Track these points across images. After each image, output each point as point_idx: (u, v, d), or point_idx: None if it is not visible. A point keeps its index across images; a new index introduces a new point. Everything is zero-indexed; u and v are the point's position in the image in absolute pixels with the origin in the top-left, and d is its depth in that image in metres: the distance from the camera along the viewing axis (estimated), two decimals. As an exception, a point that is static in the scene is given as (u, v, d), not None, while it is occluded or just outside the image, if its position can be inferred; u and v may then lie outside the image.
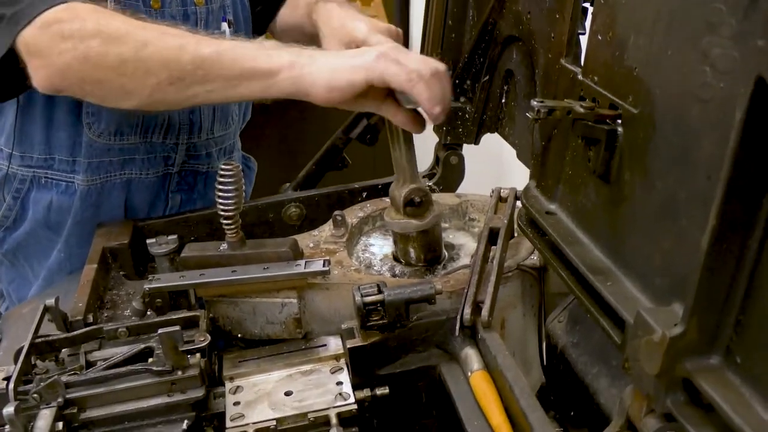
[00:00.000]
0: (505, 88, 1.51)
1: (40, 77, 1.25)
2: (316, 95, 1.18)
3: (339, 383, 1.11)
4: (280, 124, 3.70)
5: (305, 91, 1.19)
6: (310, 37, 1.67)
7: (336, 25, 1.45)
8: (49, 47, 1.22)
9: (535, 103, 0.94)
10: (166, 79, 1.22)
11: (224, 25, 1.63)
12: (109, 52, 1.21)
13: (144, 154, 1.58)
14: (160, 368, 1.03)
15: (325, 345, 1.20)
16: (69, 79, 1.25)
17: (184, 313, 1.15)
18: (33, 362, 1.07)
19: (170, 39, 1.22)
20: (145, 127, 1.55)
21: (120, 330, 1.12)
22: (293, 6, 1.78)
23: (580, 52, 1.09)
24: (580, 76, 1.03)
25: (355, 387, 1.09)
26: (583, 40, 1.07)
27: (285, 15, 1.81)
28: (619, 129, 0.91)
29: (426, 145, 1.73)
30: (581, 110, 0.94)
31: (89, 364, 1.08)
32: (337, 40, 1.42)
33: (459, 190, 1.72)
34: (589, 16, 1.04)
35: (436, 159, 1.75)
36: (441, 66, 1.19)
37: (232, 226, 1.19)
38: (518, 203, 1.26)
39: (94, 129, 1.50)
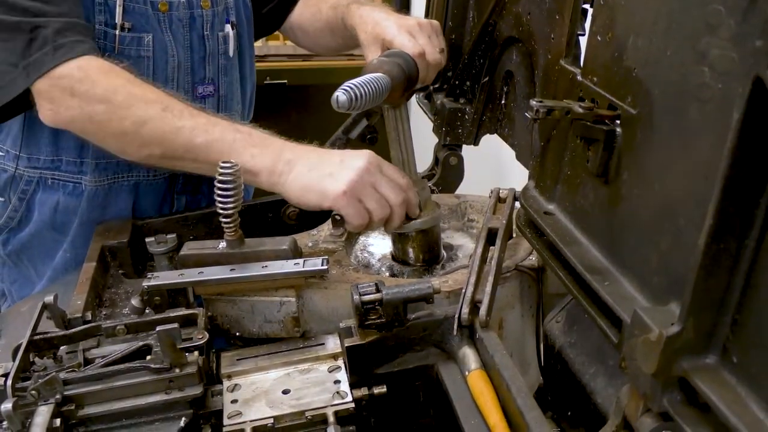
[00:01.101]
0: (505, 89, 1.51)
1: (47, 117, 1.34)
2: (289, 200, 1.30)
3: (337, 382, 1.11)
4: (281, 124, 3.70)
5: (280, 193, 1.30)
6: (341, 39, 1.70)
7: (369, 29, 1.47)
8: (59, 100, 1.31)
9: (534, 102, 0.94)
10: (159, 154, 1.33)
11: (227, 27, 1.64)
12: (112, 121, 1.31)
13: None
14: (158, 366, 1.03)
15: (323, 344, 1.20)
16: (72, 127, 1.37)
17: (183, 311, 1.15)
18: (31, 359, 1.07)
19: (169, 119, 1.30)
20: None
21: (118, 327, 1.12)
22: (314, 8, 1.79)
23: (580, 53, 1.09)
24: (579, 77, 1.03)
25: (353, 385, 1.10)
26: (583, 41, 1.07)
27: (306, 16, 1.83)
28: (618, 129, 0.92)
29: (425, 145, 1.74)
30: (580, 110, 0.94)
31: (87, 362, 1.08)
32: (374, 45, 1.45)
33: (458, 191, 1.72)
34: (589, 18, 1.04)
35: (436, 160, 1.75)
36: (394, 210, 1.27)
37: (231, 225, 1.19)
38: (517, 204, 1.27)
39: None
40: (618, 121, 0.92)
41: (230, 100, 1.70)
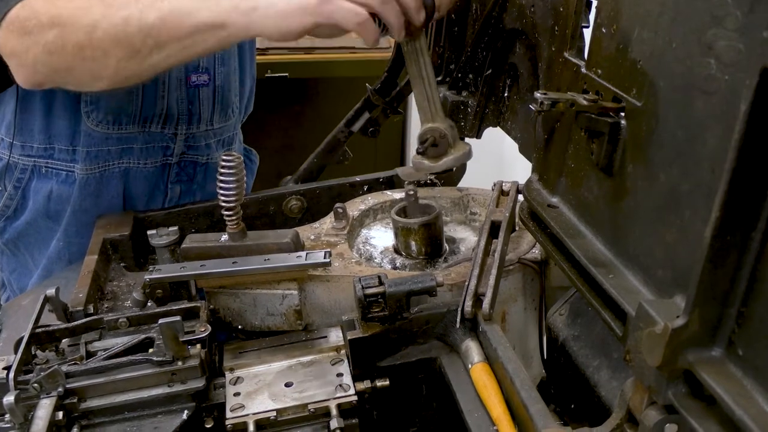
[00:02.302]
0: (508, 81, 1.51)
1: (19, 76, 1.30)
2: (269, 37, 1.20)
3: (339, 375, 1.11)
4: (283, 117, 3.71)
5: (259, 35, 1.21)
6: None
7: None
8: (17, 46, 1.26)
9: (538, 94, 0.93)
10: (123, 56, 1.24)
11: None
12: (66, 42, 1.24)
13: (142, 143, 1.58)
14: (160, 358, 1.04)
15: (326, 336, 1.20)
16: (42, 72, 1.29)
17: (185, 304, 1.15)
18: (33, 352, 1.07)
19: (115, 14, 1.22)
20: (144, 116, 1.56)
21: (120, 320, 1.12)
22: None
23: (584, 46, 1.08)
24: (583, 69, 1.02)
25: (356, 378, 1.10)
26: (587, 33, 1.06)
27: None
28: (623, 122, 0.91)
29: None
30: (584, 103, 0.93)
31: (89, 355, 1.08)
32: None
33: (460, 184, 1.72)
34: (594, 9, 1.04)
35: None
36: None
37: (233, 217, 1.19)
38: (520, 197, 1.26)
39: (93, 118, 1.50)
40: (623, 114, 0.91)
41: (227, 91, 1.69)
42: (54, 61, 1.27)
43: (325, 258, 1.18)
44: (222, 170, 1.14)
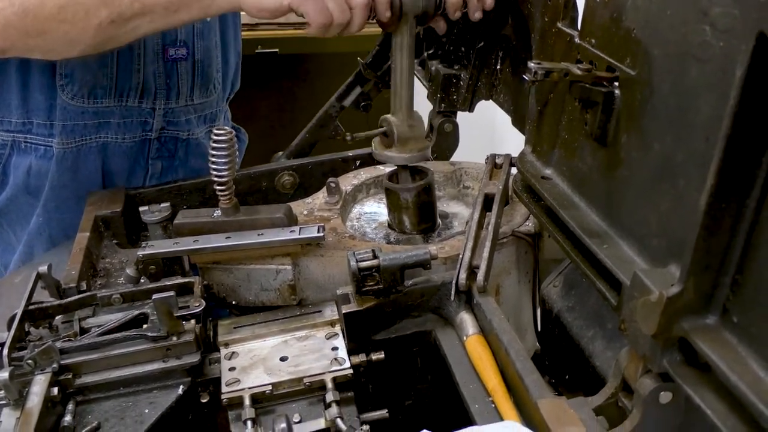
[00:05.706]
0: (500, 54, 1.50)
1: None
2: (248, 11, 1.23)
3: (334, 348, 1.11)
4: (274, 93, 3.68)
5: (239, 6, 1.23)
6: None
7: None
8: None
9: (532, 64, 0.93)
10: (106, 17, 1.22)
11: None
12: (46, 1, 1.21)
13: (119, 118, 1.56)
14: (154, 334, 1.03)
15: (320, 311, 1.20)
16: (11, 37, 1.25)
17: (179, 280, 1.15)
18: (27, 329, 1.07)
19: None
20: (119, 89, 1.53)
21: (114, 296, 1.12)
22: None
23: (577, 15, 1.08)
24: (577, 39, 1.01)
25: (351, 352, 1.10)
26: (580, 2, 1.05)
27: None
28: (617, 91, 0.91)
29: (420, 112, 1.72)
30: (578, 72, 0.93)
31: (83, 331, 1.08)
32: None
33: (453, 158, 1.71)
34: (586, -22, 1.03)
35: (430, 127, 1.73)
36: (354, 11, 1.23)
37: (226, 192, 1.18)
38: (513, 169, 1.26)
39: (68, 91, 1.48)
40: (617, 83, 0.91)
41: (207, 66, 1.66)
42: (28, 23, 1.23)
43: (318, 232, 1.18)
44: (214, 144, 1.13)
